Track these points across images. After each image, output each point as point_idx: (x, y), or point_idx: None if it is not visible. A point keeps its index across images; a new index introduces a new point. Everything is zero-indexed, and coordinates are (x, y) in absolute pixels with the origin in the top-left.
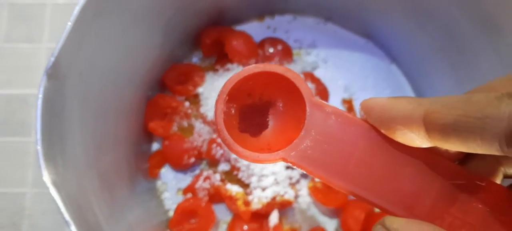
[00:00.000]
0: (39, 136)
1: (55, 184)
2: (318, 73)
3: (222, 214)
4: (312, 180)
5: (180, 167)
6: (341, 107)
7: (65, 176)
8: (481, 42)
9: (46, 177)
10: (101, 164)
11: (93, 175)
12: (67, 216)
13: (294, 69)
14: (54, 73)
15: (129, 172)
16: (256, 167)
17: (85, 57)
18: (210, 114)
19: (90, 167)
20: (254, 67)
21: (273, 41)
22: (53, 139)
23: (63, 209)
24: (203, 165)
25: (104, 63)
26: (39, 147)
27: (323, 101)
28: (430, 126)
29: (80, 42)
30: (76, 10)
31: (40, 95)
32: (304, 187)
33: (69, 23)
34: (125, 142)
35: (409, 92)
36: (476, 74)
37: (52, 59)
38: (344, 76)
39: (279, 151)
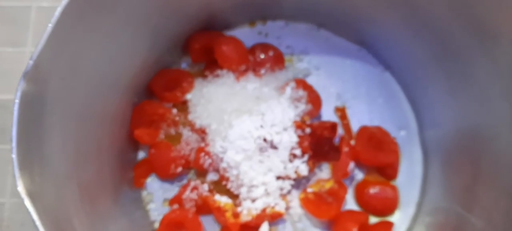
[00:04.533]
0: (14, 143)
1: (30, 194)
2: (310, 81)
3: (210, 226)
4: (304, 191)
5: (167, 177)
6: (334, 116)
7: (42, 186)
8: (476, 50)
9: (21, 187)
10: (82, 174)
11: (73, 185)
12: (42, 230)
13: (285, 76)
14: (33, 78)
15: (113, 182)
16: (246, 177)
17: (67, 62)
18: (198, 121)
19: (70, 176)
20: None
21: (265, 47)
22: (30, 147)
23: (38, 222)
24: (191, 174)
25: (88, 68)
26: (14, 155)
27: None
28: None
29: (62, 46)
30: (58, 11)
31: (17, 101)
32: (295, 198)
33: (50, 25)
34: (109, 150)
35: (403, 100)
36: (471, 83)
37: (31, 62)
38: (337, 84)
39: None
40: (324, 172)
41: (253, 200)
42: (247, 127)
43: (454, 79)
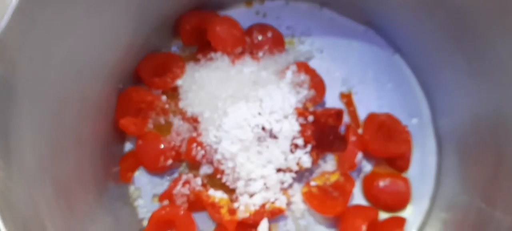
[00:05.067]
0: None
1: None
2: (313, 64)
3: (204, 223)
4: (307, 184)
5: (156, 170)
6: (339, 102)
7: (7, 182)
8: (499, 28)
9: None
10: (58, 168)
11: (46, 181)
12: None
13: (285, 59)
14: None
15: (95, 177)
16: (243, 170)
17: (37, 40)
18: (190, 109)
19: (42, 171)
20: None
21: (263, 28)
22: None
23: (1, 224)
24: (182, 167)
25: (62, 48)
26: None
27: None
28: None
29: (30, 22)
30: None
31: None
32: (297, 193)
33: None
34: (91, 142)
35: (415, 85)
36: (493, 65)
37: None
38: (342, 67)
39: None
40: (329, 163)
41: (251, 195)
42: (243, 114)
43: (473, 61)
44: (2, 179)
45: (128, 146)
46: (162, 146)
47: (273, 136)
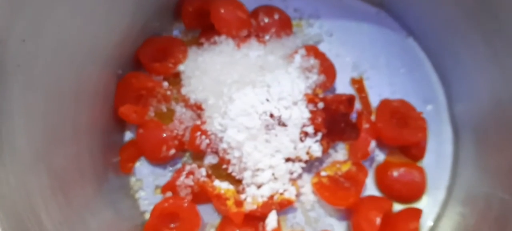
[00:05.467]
0: None
1: None
2: (322, 48)
3: (209, 216)
4: (317, 174)
5: (158, 160)
6: (350, 88)
7: None
8: None
9: None
10: (54, 157)
11: (41, 170)
12: None
13: (293, 43)
14: None
15: (93, 168)
16: (250, 160)
17: (29, 21)
18: (193, 96)
19: (37, 160)
20: None
21: (269, 9)
22: None
23: None
24: (186, 157)
25: (57, 31)
26: None
27: None
28: None
29: (22, 2)
30: None
31: None
32: (307, 183)
33: None
34: (89, 131)
35: (429, 70)
36: None
37: None
38: (353, 52)
39: None
40: (340, 153)
41: (259, 186)
42: (250, 101)
43: (495, 40)
44: None
45: (128, 135)
46: (164, 135)
47: (281, 124)
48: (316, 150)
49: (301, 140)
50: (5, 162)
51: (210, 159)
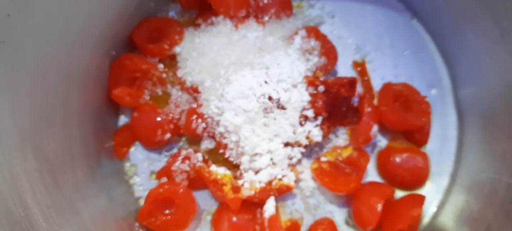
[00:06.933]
0: None
1: None
2: (323, 30)
3: (205, 202)
4: (317, 160)
5: (153, 145)
6: (352, 71)
7: None
8: None
9: None
10: (42, 140)
11: (28, 153)
12: None
13: (294, 24)
14: None
15: (86, 152)
16: (247, 144)
17: None
18: (189, 78)
19: (23, 142)
20: None
21: None
22: None
23: None
24: (182, 142)
25: (46, 6)
26: None
27: None
28: None
29: None
30: None
31: None
32: (307, 169)
33: None
34: (81, 113)
35: (434, 52)
36: None
37: None
38: (355, 34)
39: None
40: (341, 138)
41: (257, 172)
42: (248, 83)
43: (504, 20)
44: None
45: (122, 119)
46: (159, 119)
47: (280, 107)
48: (316, 134)
49: (301, 124)
50: None
51: (207, 144)
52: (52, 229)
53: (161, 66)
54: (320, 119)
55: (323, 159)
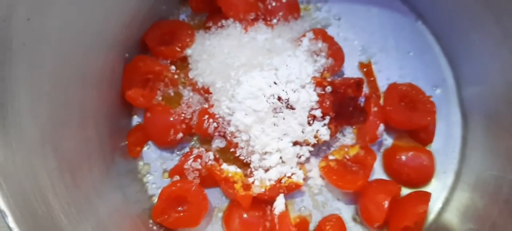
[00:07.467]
0: None
1: None
2: (330, 32)
3: (217, 200)
4: (325, 158)
5: (166, 144)
6: (358, 72)
7: (4, 151)
8: None
9: None
10: (61, 140)
11: (48, 152)
12: (1, 204)
13: (301, 27)
14: None
15: (101, 151)
16: (257, 143)
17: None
18: (200, 80)
19: (44, 141)
20: None
21: None
22: None
23: None
24: (193, 141)
25: (63, 10)
26: None
27: None
28: None
29: None
30: None
31: None
32: (315, 167)
33: None
34: (97, 114)
35: (438, 54)
36: None
37: None
38: (361, 36)
39: None
40: (348, 137)
41: (266, 170)
42: (258, 83)
43: (508, 20)
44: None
45: (135, 120)
46: (171, 119)
47: (289, 107)
48: (324, 133)
49: (309, 124)
50: (11, 142)
51: (218, 143)
52: (72, 225)
53: (173, 68)
54: (327, 118)
55: (330, 157)
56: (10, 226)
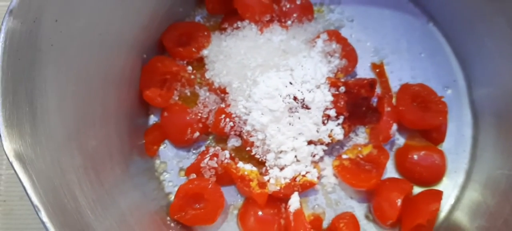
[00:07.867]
0: None
1: (19, 157)
2: (343, 34)
3: (233, 198)
4: (338, 157)
5: (182, 143)
6: (370, 73)
7: (35, 148)
8: None
9: (8, 147)
10: (85, 138)
11: (74, 150)
12: (35, 199)
13: (315, 28)
14: (21, 14)
15: (121, 149)
16: (273, 142)
17: (61, 1)
18: (217, 80)
19: (70, 139)
20: None
21: None
22: (19, 101)
23: (30, 190)
24: (210, 140)
25: (88, 12)
26: None
27: None
28: None
29: None
30: None
31: (2, 36)
32: (328, 166)
33: None
34: (117, 113)
35: (449, 55)
36: None
37: None
38: (374, 37)
39: None
40: (361, 136)
41: (281, 168)
42: (274, 84)
43: None
44: (30, 145)
45: (153, 119)
46: (188, 118)
47: (305, 107)
48: (338, 133)
49: (324, 123)
50: (41, 139)
51: (234, 142)
52: (98, 220)
53: (189, 68)
54: (341, 118)
55: (344, 156)
56: (43, 221)
